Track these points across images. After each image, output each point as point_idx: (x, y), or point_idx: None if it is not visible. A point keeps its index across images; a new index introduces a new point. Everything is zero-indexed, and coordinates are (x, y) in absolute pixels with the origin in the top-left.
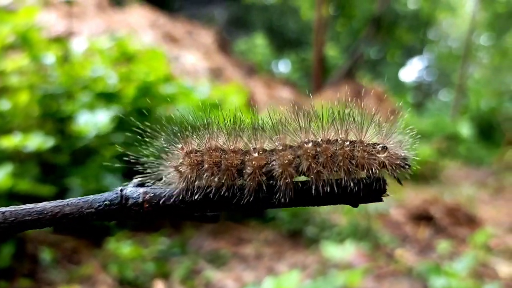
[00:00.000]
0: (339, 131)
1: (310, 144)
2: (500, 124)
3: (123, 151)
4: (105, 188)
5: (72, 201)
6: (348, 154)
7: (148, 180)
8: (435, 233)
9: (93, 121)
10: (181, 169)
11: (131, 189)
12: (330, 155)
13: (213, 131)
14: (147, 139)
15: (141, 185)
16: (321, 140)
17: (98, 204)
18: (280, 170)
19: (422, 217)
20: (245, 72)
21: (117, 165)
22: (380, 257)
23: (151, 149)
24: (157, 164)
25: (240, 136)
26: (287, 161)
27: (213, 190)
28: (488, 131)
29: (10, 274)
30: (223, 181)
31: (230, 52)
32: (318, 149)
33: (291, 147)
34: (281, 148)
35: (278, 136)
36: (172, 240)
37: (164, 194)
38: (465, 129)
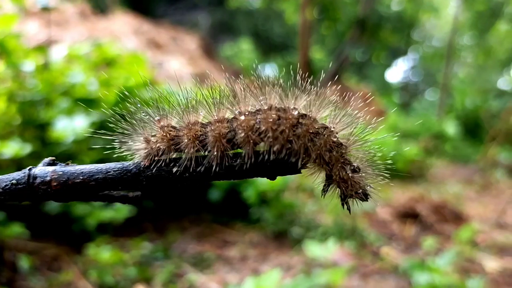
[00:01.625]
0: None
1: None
2: (484, 122)
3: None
4: None
5: None
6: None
7: (125, 151)
8: (421, 230)
9: (71, 126)
10: (152, 140)
11: (40, 168)
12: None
13: (192, 106)
14: (127, 117)
15: (51, 164)
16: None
17: (5, 184)
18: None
19: (409, 215)
20: (230, 76)
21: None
22: (365, 255)
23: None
24: (132, 134)
25: (222, 105)
26: (271, 120)
27: (186, 163)
28: (473, 129)
29: None
30: (215, 153)
31: (215, 57)
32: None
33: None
34: (266, 108)
35: (262, 98)
36: (155, 245)
37: (73, 172)
38: (451, 128)
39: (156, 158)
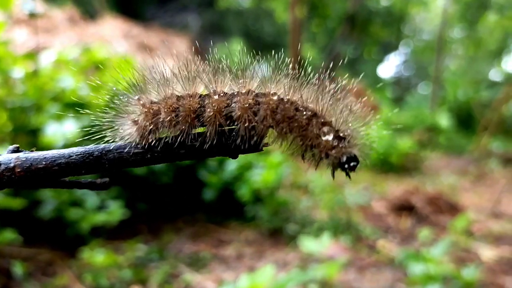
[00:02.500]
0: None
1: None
2: (476, 112)
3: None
4: (78, 199)
5: None
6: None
7: (109, 138)
8: (417, 222)
9: (60, 131)
10: (137, 119)
11: (4, 156)
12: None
13: (170, 80)
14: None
15: (16, 151)
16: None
17: None
18: (239, 113)
19: (404, 208)
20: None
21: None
22: (362, 249)
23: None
24: (114, 119)
25: (198, 80)
26: (247, 105)
27: (168, 139)
28: (466, 120)
29: None
30: (183, 127)
31: (206, 58)
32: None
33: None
34: (243, 91)
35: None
36: (149, 246)
37: (36, 158)
38: (444, 120)
39: (148, 135)
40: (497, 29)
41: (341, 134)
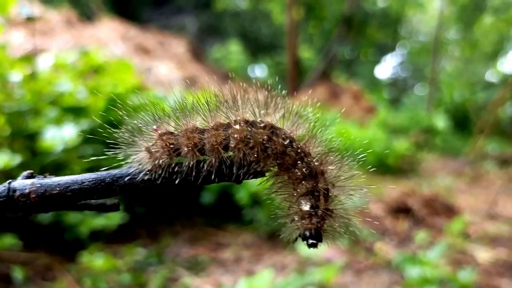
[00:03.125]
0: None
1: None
2: (472, 114)
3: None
4: None
5: None
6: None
7: (122, 159)
8: (413, 224)
9: (59, 135)
10: (152, 150)
11: (19, 182)
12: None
13: (189, 111)
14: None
15: (30, 177)
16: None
17: None
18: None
19: (401, 210)
20: (220, 79)
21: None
22: (359, 252)
23: (125, 132)
24: (129, 143)
25: (218, 111)
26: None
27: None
28: (462, 121)
29: None
30: (213, 158)
31: (204, 60)
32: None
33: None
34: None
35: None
36: (148, 250)
37: (50, 184)
38: (440, 122)
39: (159, 166)
40: (493, 31)
41: (319, 211)
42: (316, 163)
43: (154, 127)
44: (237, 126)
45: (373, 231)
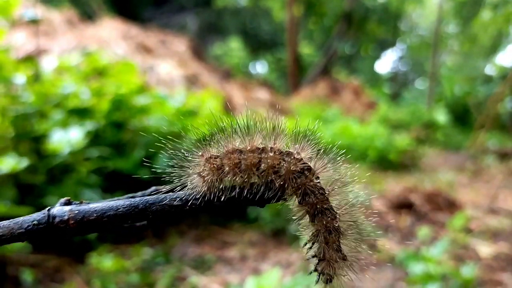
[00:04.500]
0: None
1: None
2: (472, 108)
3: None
4: None
5: (3, 223)
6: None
7: (174, 188)
8: (416, 220)
9: (66, 138)
10: (203, 174)
11: (58, 208)
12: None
13: (228, 135)
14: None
15: (67, 203)
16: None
17: (27, 225)
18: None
19: (403, 205)
20: (221, 76)
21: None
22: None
23: (174, 160)
24: (181, 172)
25: (256, 135)
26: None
27: (235, 189)
28: (463, 116)
29: None
30: (245, 179)
31: (205, 58)
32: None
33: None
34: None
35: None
36: (155, 250)
37: (87, 210)
38: (441, 116)
39: (213, 189)
40: (492, 26)
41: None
42: (333, 217)
43: (200, 153)
44: (271, 153)
45: (376, 227)
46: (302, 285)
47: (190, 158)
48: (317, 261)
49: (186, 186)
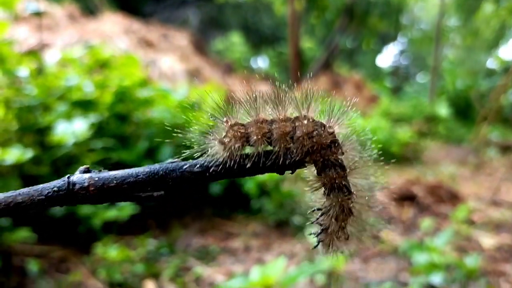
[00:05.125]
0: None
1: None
2: (474, 102)
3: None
4: None
5: (23, 191)
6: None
7: (195, 154)
8: (419, 212)
9: (70, 129)
10: (225, 141)
11: (78, 176)
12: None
13: (258, 103)
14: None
15: (87, 171)
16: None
17: (47, 191)
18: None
19: (406, 198)
20: (223, 71)
21: None
22: (366, 239)
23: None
24: (203, 138)
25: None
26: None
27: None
28: (465, 109)
29: None
30: (277, 147)
31: (207, 53)
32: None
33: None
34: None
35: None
36: (159, 241)
37: (107, 177)
38: (443, 110)
39: (233, 156)
40: (494, 19)
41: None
42: (349, 197)
43: (224, 119)
44: (305, 121)
45: (381, 219)
46: (306, 273)
47: (213, 124)
48: (320, 230)
49: (206, 152)
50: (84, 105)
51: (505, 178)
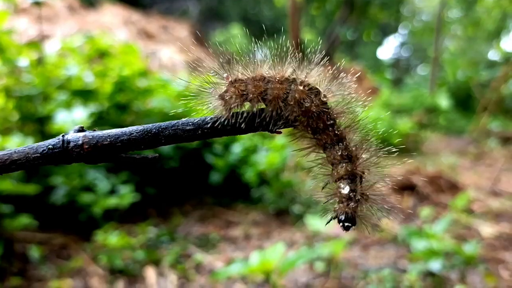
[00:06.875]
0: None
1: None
2: (475, 92)
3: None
4: (90, 183)
5: (19, 149)
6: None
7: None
8: (418, 201)
9: (70, 118)
10: (225, 97)
11: (72, 134)
12: None
13: (257, 59)
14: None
15: (81, 130)
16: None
17: (42, 149)
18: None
19: (406, 187)
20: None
21: None
22: (366, 227)
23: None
24: (203, 91)
25: (286, 64)
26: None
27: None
28: (465, 100)
29: (0, 274)
30: (269, 108)
31: (206, 44)
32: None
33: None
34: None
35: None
36: (160, 229)
37: (101, 136)
38: (444, 101)
39: (231, 111)
40: (495, 9)
41: (357, 195)
42: (353, 149)
43: (225, 75)
44: (301, 87)
45: (381, 208)
46: (305, 258)
47: (213, 79)
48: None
49: (206, 105)
50: (84, 95)
51: (505, 168)
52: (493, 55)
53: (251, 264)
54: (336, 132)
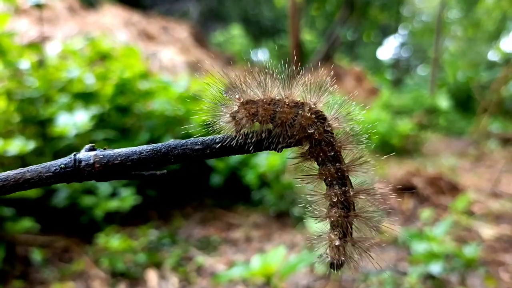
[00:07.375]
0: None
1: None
2: (475, 93)
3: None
4: (91, 186)
5: (31, 168)
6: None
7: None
8: (419, 203)
9: (72, 121)
10: (237, 117)
11: (84, 154)
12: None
13: (268, 82)
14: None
15: (92, 149)
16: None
17: (54, 168)
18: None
19: (406, 189)
20: (223, 63)
21: None
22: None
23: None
24: (215, 110)
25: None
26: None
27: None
28: (465, 101)
29: (2, 277)
30: (276, 130)
31: (207, 45)
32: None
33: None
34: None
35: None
36: (161, 232)
37: (112, 155)
38: (444, 102)
39: (241, 131)
40: (495, 10)
41: (347, 245)
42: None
43: (237, 96)
44: (308, 114)
45: (381, 210)
46: (306, 262)
47: (225, 98)
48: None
49: (216, 123)
50: (85, 97)
51: (505, 169)
52: (493, 56)
53: (252, 267)
54: (338, 168)
